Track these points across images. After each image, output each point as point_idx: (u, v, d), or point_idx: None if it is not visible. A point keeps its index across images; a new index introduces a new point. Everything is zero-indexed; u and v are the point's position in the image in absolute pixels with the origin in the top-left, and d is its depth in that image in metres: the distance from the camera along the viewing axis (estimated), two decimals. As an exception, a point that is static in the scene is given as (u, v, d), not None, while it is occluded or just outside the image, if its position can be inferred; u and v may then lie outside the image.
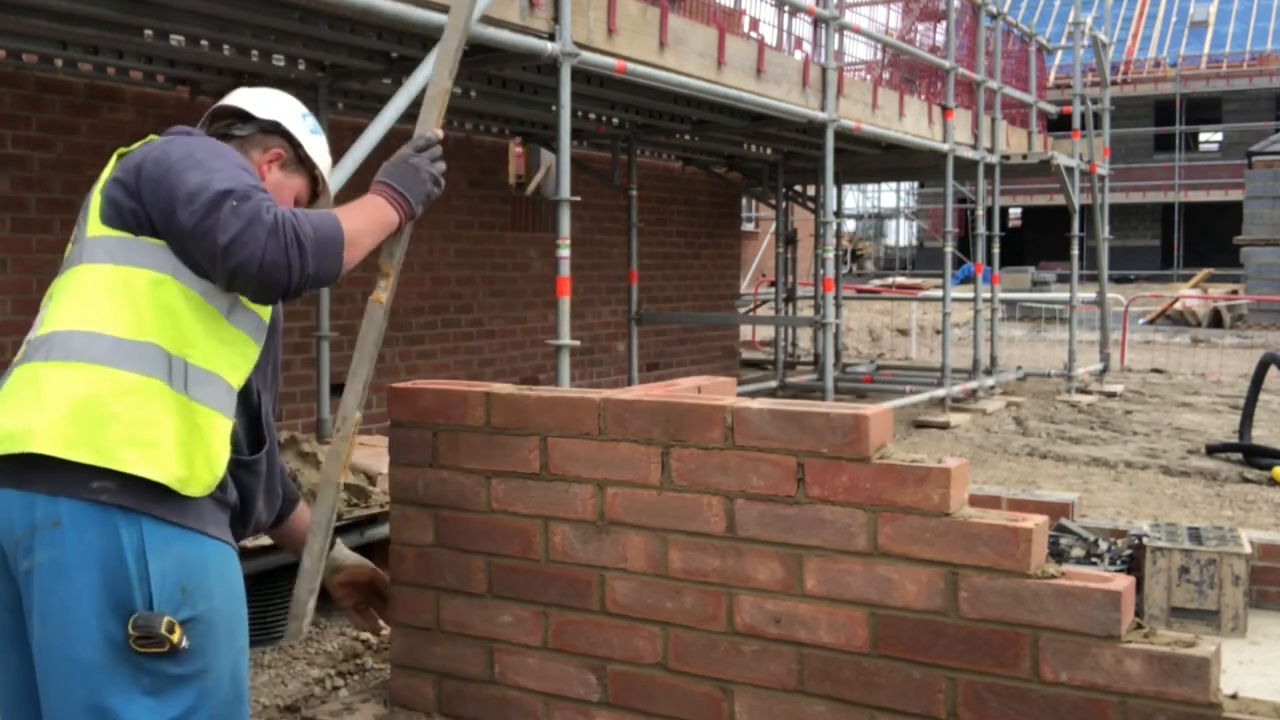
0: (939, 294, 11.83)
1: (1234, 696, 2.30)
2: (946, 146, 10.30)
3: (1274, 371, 8.43)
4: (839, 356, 12.81)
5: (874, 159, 11.60)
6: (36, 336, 2.10)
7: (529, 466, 2.89)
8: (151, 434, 1.99)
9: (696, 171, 12.09)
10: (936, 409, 10.36)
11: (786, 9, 9.74)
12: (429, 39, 5.18)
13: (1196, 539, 3.98)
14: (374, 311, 2.45)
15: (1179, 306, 21.46)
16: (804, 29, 10.32)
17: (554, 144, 6.47)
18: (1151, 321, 21.07)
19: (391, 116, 4.76)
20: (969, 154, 10.91)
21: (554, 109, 5.90)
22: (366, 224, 2.26)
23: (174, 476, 2.00)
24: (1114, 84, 25.22)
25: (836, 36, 8.85)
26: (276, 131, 2.38)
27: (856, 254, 34.66)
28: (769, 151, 11.56)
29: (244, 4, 5.14)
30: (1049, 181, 14.01)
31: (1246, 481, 7.38)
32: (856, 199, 37.20)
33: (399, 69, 6.18)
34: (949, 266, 10.89)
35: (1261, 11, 35.69)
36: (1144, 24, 37.04)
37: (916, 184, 37.20)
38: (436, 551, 3.05)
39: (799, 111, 8.12)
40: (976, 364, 11.14)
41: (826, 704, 2.59)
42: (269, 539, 2.67)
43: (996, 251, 11.71)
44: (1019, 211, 39.59)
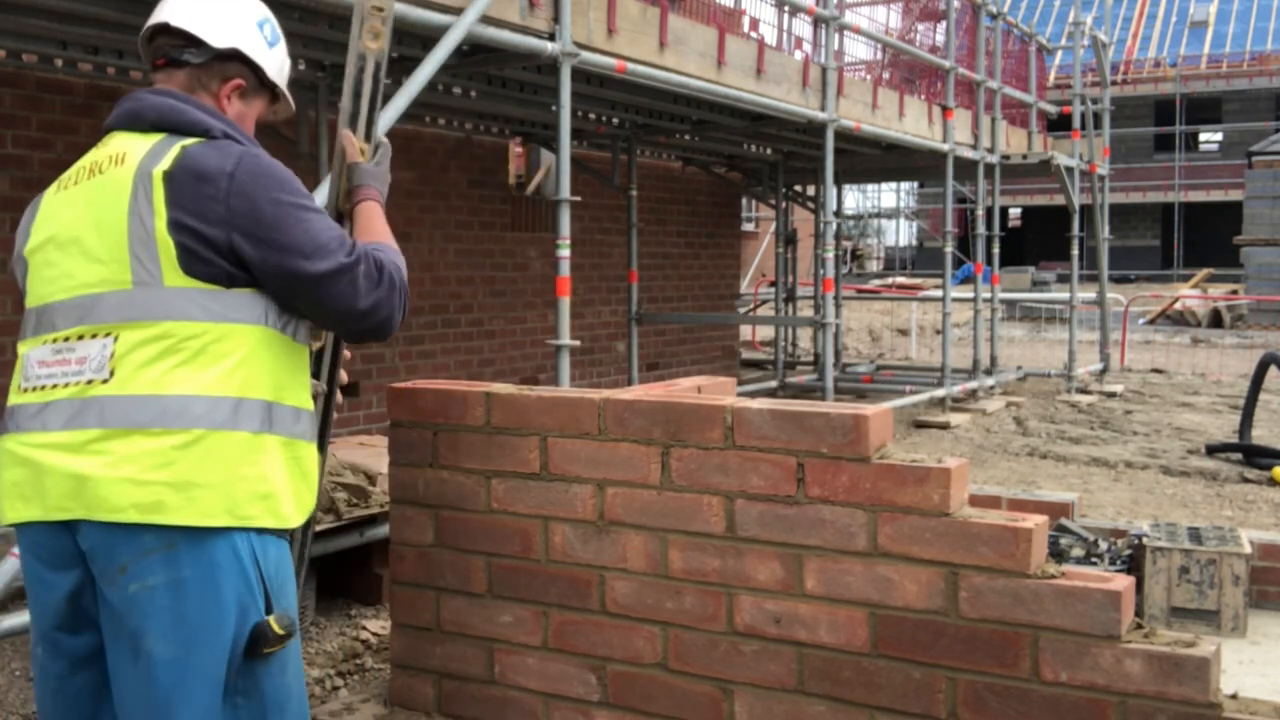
0: (939, 294, 11.83)
1: (1234, 696, 2.30)
2: (946, 146, 10.29)
3: (1274, 371, 8.42)
4: (839, 356, 12.81)
5: (874, 159, 11.60)
6: (120, 394, 1.98)
7: (529, 466, 2.90)
8: (269, 486, 2.07)
9: (696, 171, 12.08)
10: (936, 409, 10.35)
11: (786, 9, 9.73)
12: (429, 39, 5.17)
13: (1196, 539, 3.98)
14: None
15: (1179, 306, 21.45)
16: (804, 29, 10.32)
17: (554, 144, 6.46)
18: (1151, 321, 21.06)
19: (391, 116, 4.75)
20: (969, 154, 10.91)
21: (554, 109, 5.89)
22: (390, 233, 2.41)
23: (288, 519, 2.11)
24: (1114, 84, 25.23)
25: (836, 36, 8.85)
26: (235, 58, 2.20)
27: (856, 254, 34.64)
28: (769, 151, 11.55)
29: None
30: (1049, 181, 14.00)
31: (1246, 481, 7.38)
32: (856, 199, 37.22)
33: (399, 69, 6.17)
34: (949, 266, 10.89)
35: (1261, 11, 35.67)
36: (1144, 24, 37.03)
37: (916, 184, 37.20)
38: (436, 551, 3.06)
39: (799, 111, 8.12)
40: (976, 364, 11.13)
41: (826, 704, 2.59)
42: None
43: (996, 251, 11.70)
44: (1019, 211, 39.58)
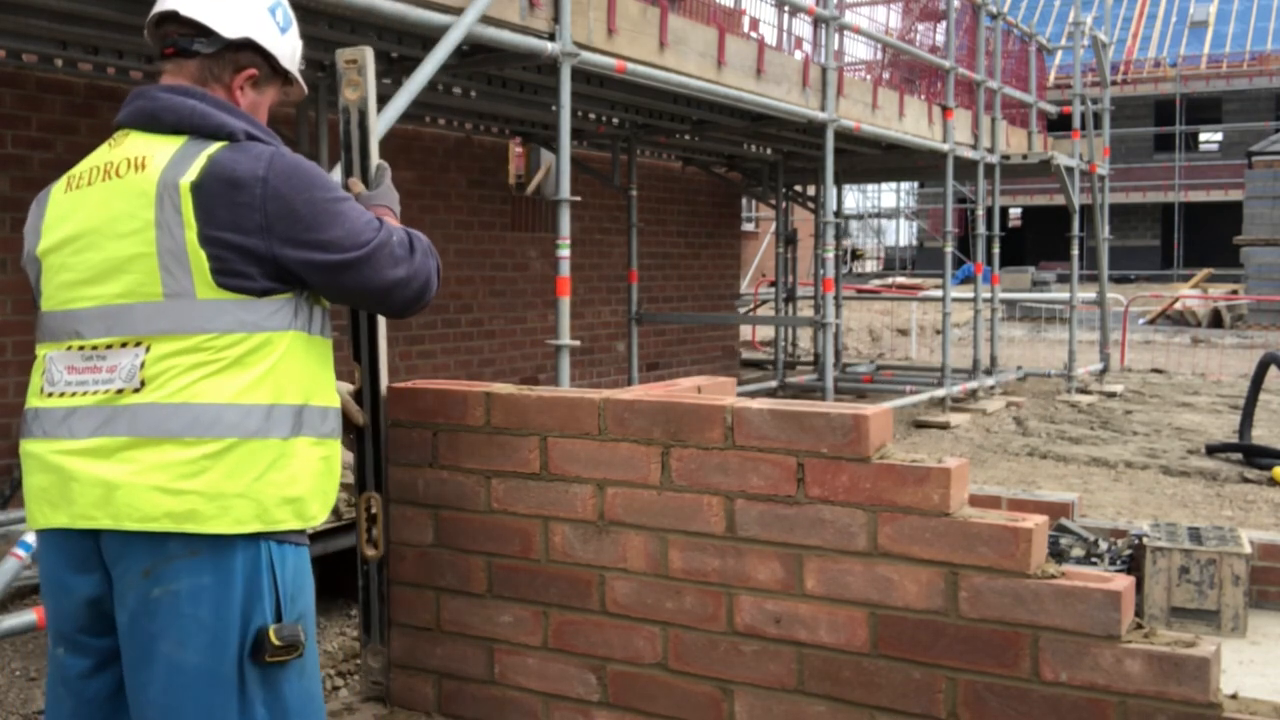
0: (939, 294, 11.82)
1: (1234, 696, 2.30)
2: (946, 146, 10.29)
3: (1274, 371, 8.42)
4: (839, 356, 12.81)
5: (874, 159, 11.60)
6: (152, 403, 2.00)
7: (529, 466, 2.90)
8: (297, 489, 2.09)
9: (696, 171, 12.08)
10: (936, 409, 10.35)
11: (786, 9, 9.73)
12: (429, 39, 5.17)
13: (1196, 539, 3.98)
14: None
15: (1179, 306, 21.45)
16: (804, 29, 10.32)
17: (554, 144, 6.46)
18: (1151, 321, 21.06)
19: (391, 116, 4.75)
20: (969, 154, 10.91)
21: (554, 109, 5.89)
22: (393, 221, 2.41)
23: (314, 519, 2.13)
24: (1114, 84, 25.22)
25: (836, 36, 8.84)
26: (248, 47, 2.18)
27: (856, 254, 34.63)
28: (769, 151, 11.55)
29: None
30: (1049, 181, 14.00)
31: (1246, 481, 7.38)
32: (856, 199, 37.20)
33: (399, 69, 6.17)
34: (949, 266, 10.88)
35: (1261, 11, 35.67)
36: (1144, 24, 37.02)
37: (916, 184, 37.20)
38: (436, 551, 3.06)
39: (799, 111, 8.12)
40: (976, 364, 11.13)
41: (826, 704, 2.59)
42: None
43: (996, 251, 11.70)
44: (1019, 211, 39.57)
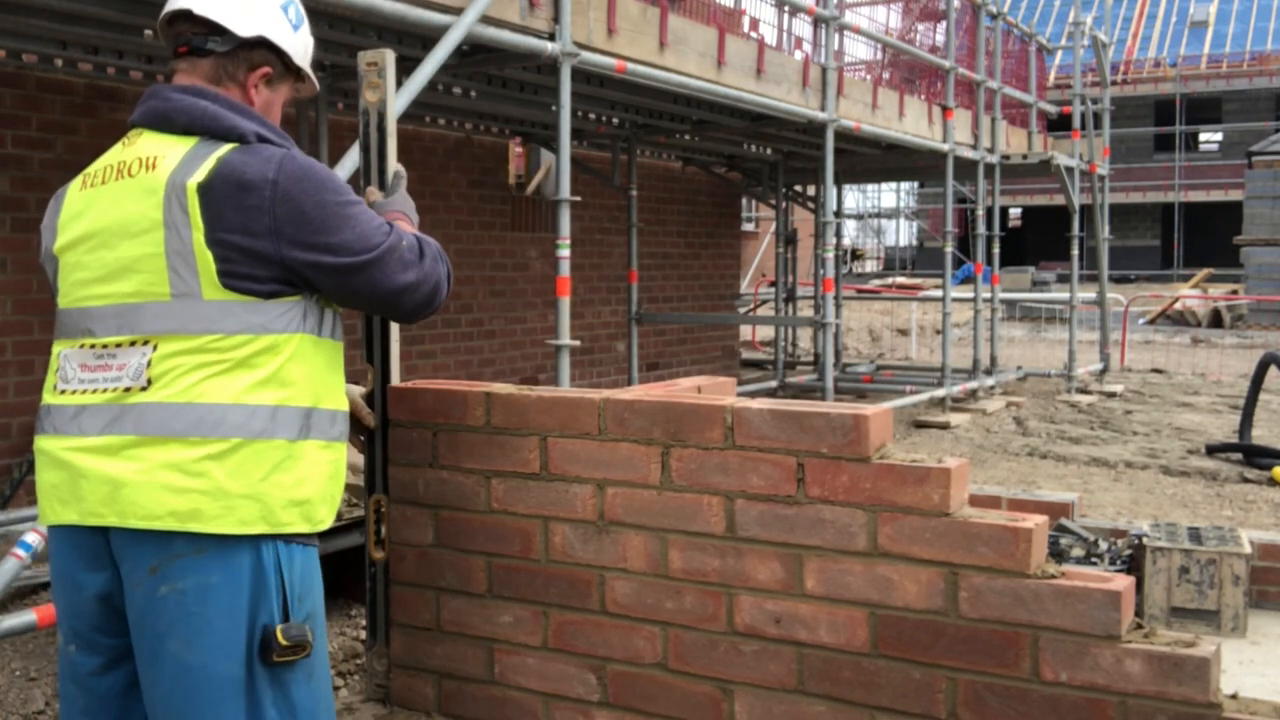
0: (939, 294, 11.82)
1: (1234, 696, 2.30)
2: (946, 146, 10.29)
3: (1274, 371, 8.42)
4: (839, 356, 12.81)
5: (874, 159, 11.60)
6: (157, 402, 2.01)
7: (529, 466, 2.90)
8: (304, 492, 2.09)
9: (696, 171, 12.08)
10: (936, 409, 10.35)
11: (786, 9, 9.73)
12: (429, 39, 5.18)
13: (1196, 539, 3.98)
14: None
15: (1179, 306, 21.45)
16: (804, 29, 10.32)
17: (554, 144, 6.46)
18: (1151, 321, 21.06)
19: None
20: (969, 154, 10.91)
21: (554, 109, 5.89)
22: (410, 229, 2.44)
23: (321, 522, 2.14)
24: (1114, 84, 25.23)
25: (836, 36, 8.84)
26: (262, 45, 2.19)
27: (856, 254, 34.64)
28: (769, 151, 11.55)
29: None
30: (1049, 181, 14.00)
31: (1246, 481, 7.38)
32: (856, 199, 37.21)
33: (399, 69, 6.16)
34: (949, 266, 10.88)
35: (1261, 11, 35.67)
36: (1144, 24, 37.02)
37: (916, 184, 37.20)
38: (436, 551, 3.06)
39: (799, 111, 8.12)
40: (976, 364, 11.13)
41: (826, 704, 2.59)
42: None
43: (996, 251, 11.69)
44: (1019, 211, 39.57)
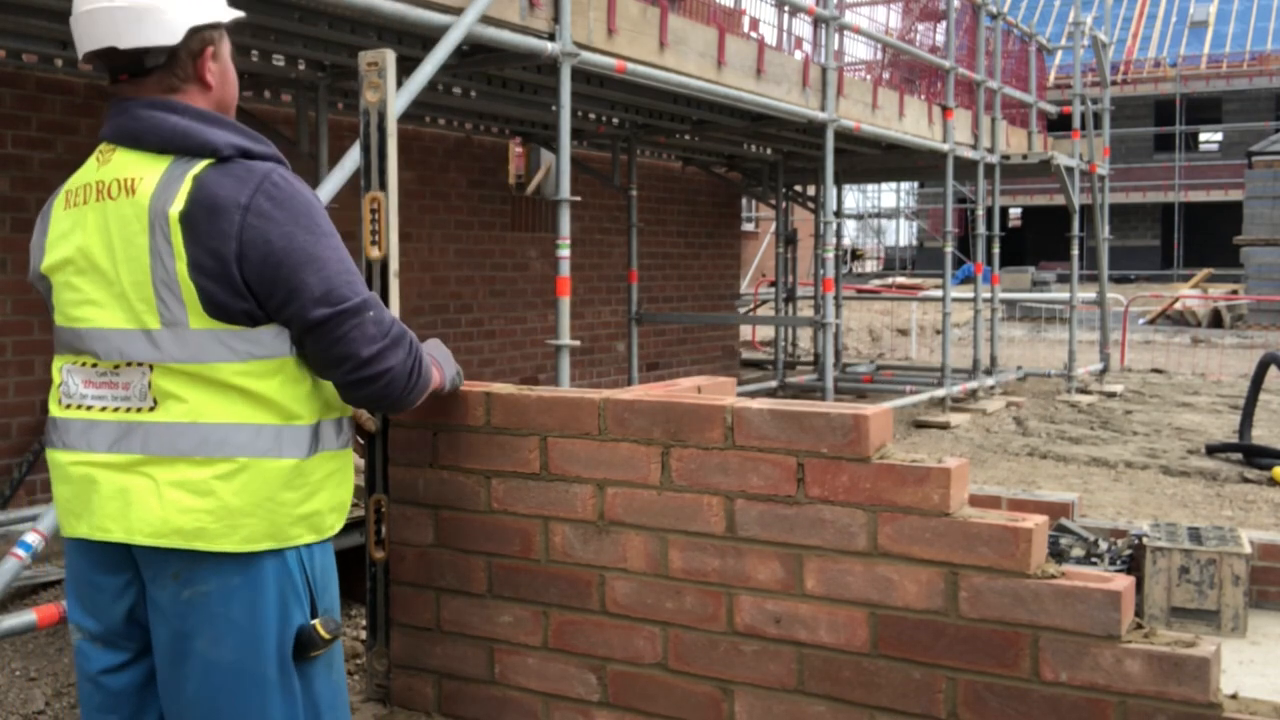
0: (939, 294, 11.82)
1: (1234, 696, 2.30)
2: (946, 146, 10.29)
3: (1274, 371, 8.42)
4: (839, 356, 12.81)
5: (874, 159, 11.60)
6: (163, 422, 2.02)
7: (529, 466, 2.90)
8: (311, 506, 2.11)
9: (696, 171, 12.08)
10: (936, 409, 10.35)
11: (786, 9, 9.73)
12: (429, 39, 5.17)
13: (1196, 539, 3.98)
14: None
15: (1179, 306, 21.45)
16: (804, 29, 10.32)
17: (554, 144, 6.46)
18: (1151, 321, 21.06)
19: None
20: (969, 154, 10.91)
21: (554, 109, 5.89)
22: (434, 380, 2.39)
23: (330, 530, 2.17)
24: (1114, 84, 25.23)
25: (836, 36, 8.85)
26: (194, 34, 2.24)
27: (856, 254, 34.63)
28: (769, 151, 11.55)
29: (244, 4, 5.13)
30: (1049, 181, 14.00)
31: (1246, 481, 7.38)
32: (856, 199, 37.20)
33: (399, 69, 6.17)
34: (949, 266, 10.88)
35: (1261, 11, 35.67)
36: (1144, 24, 37.02)
37: (916, 184, 37.20)
38: (436, 551, 3.06)
39: (799, 111, 8.12)
40: (976, 364, 11.13)
41: (826, 704, 2.59)
42: None
43: (996, 251, 11.69)
44: (1019, 211, 39.58)
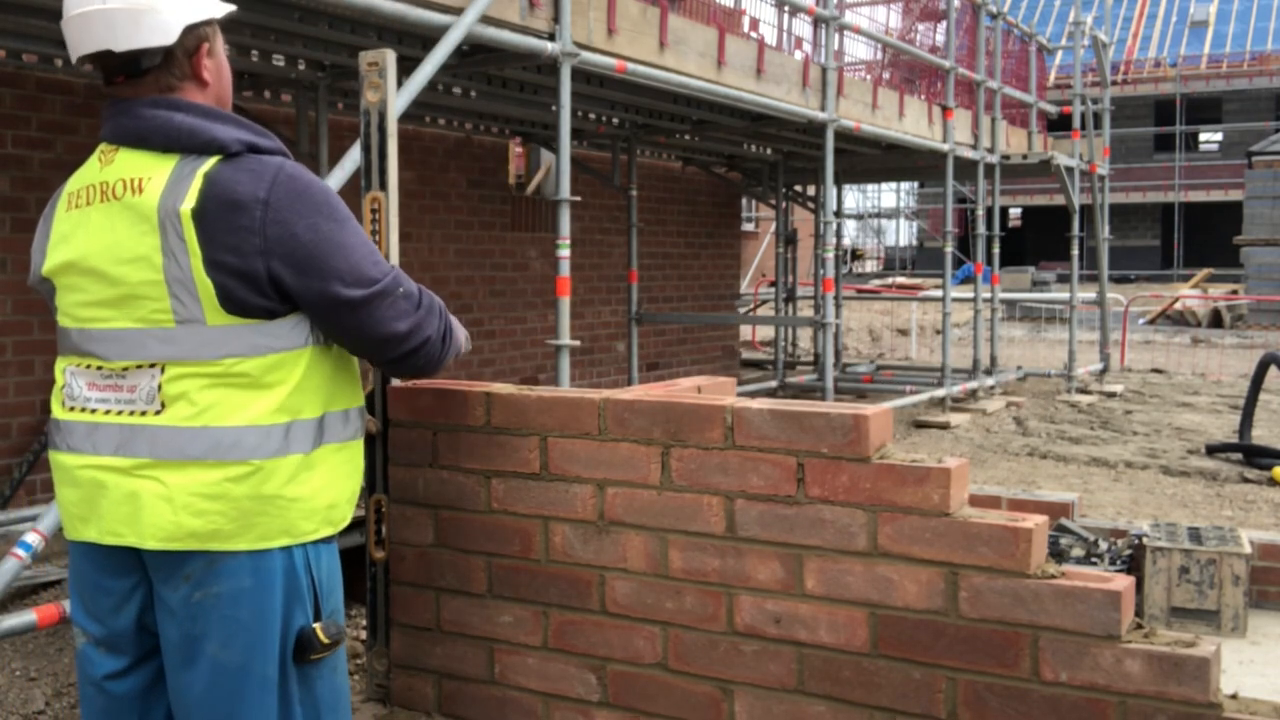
0: (939, 294, 11.83)
1: (1234, 696, 2.30)
2: (946, 146, 10.29)
3: (1274, 371, 8.42)
4: (839, 356, 12.81)
5: (874, 159, 11.60)
6: (171, 426, 2.02)
7: (529, 466, 2.90)
8: (323, 499, 2.12)
9: (696, 171, 12.08)
10: (936, 409, 10.35)
11: (786, 9, 9.73)
12: (429, 39, 5.17)
13: (1196, 539, 3.98)
14: None
15: (1179, 306, 21.45)
16: (804, 29, 10.32)
17: (554, 144, 6.46)
18: (1151, 321, 21.06)
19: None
20: (969, 154, 10.90)
21: (554, 109, 5.89)
22: (460, 336, 2.41)
23: (342, 521, 2.18)
24: (1114, 84, 25.23)
25: (836, 36, 8.84)
26: (188, 33, 2.18)
27: (856, 254, 34.63)
28: (769, 151, 11.55)
29: (244, 4, 5.12)
30: (1049, 181, 14.00)
31: (1246, 481, 7.38)
32: (856, 199, 37.20)
33: (399, 69, 6.17)
34: (949, 266, 10.88)
35: (1261, 11, 35.67)
36: (1144, 24, 37.02)
37: (916, 184, 37.20)
38: (436, 551, 3.06)
39: (799, 111, 8.11)
40: (976, 364, 11.13)
41: (826, 704, 2.59)
42: None
43: (996, 251, 11.69)
44: (1019, 211, 39.58)
